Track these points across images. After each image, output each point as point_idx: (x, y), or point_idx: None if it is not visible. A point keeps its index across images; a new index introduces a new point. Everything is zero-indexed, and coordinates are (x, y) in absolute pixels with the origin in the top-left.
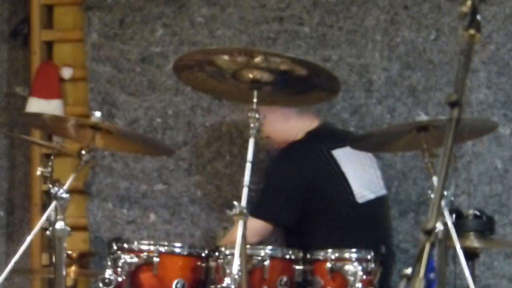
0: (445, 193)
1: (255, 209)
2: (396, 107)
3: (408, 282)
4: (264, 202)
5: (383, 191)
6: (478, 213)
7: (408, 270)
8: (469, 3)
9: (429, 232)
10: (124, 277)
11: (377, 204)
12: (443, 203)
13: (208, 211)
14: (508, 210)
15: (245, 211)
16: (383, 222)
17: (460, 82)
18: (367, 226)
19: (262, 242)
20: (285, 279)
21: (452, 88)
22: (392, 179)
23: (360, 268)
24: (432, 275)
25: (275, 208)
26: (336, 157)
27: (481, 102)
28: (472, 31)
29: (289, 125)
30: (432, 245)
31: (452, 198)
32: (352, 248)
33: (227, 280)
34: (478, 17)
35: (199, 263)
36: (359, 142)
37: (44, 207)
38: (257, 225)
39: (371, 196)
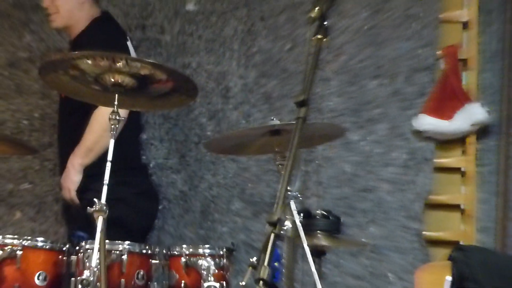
0: (290, 189)
1: None
2: (252, 113)
3: (254, 270)
4: None
5: None
6: (325, 213)
7: (254, 259)
8: (317, 9)
9: (274, 224)
10: None
11: None
12: (289, 198)
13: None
14: (355, 212)
15: (104, 207)
16: None
17: (308, 82)
18: None
19: None
20: (142, 272)
21: None
22: (247, 181)
23: (212, 263)
24: (276, 264)
25: None
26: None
27: (332, 109)
28: (320, 36)
29: (84, 12)
30: (277, 236)
31: (300, 198)
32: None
33: (86, 273)
34: (326, 23)
35: (60, 257)
36: (215, 145)
37: None
38: None
39: None
